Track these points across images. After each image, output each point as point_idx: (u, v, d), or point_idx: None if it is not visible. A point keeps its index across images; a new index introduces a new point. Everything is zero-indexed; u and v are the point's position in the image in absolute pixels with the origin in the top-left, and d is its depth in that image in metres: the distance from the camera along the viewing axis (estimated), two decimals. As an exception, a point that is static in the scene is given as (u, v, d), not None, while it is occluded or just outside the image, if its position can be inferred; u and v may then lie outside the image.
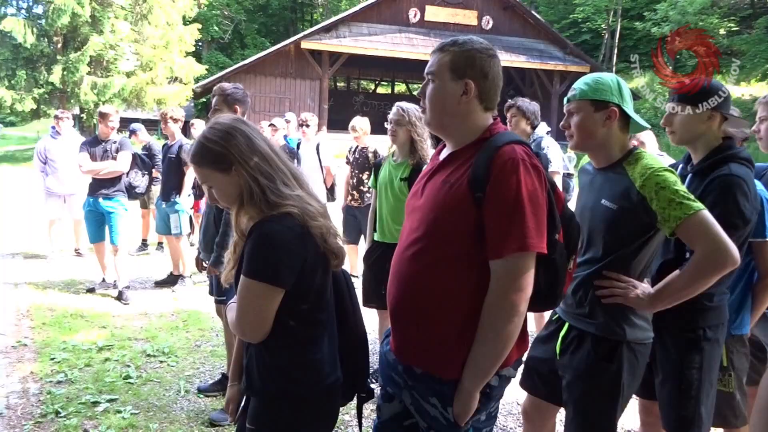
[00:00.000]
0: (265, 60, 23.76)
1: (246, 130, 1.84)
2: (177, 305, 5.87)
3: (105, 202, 6.02)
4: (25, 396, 3.88)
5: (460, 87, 1.79)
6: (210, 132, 1.84)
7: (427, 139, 4.09)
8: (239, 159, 1.79)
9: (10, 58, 21.75)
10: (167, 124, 6.28)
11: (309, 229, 1.78)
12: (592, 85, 2.16)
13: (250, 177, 1.78)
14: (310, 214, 1.79)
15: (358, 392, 2.04)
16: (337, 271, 1.95)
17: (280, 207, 1.77)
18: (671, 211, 1.98)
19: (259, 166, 1.79)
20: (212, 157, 1.81)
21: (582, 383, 2.19)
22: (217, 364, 4.48)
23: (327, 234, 1.82)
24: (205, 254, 3.72)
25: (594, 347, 2.17)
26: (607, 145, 2.19)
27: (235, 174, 1.80)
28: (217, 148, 1.80)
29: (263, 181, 1.78)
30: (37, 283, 6.45)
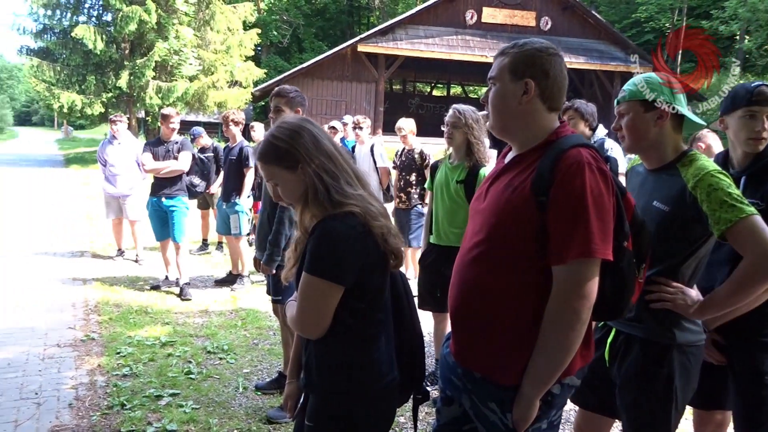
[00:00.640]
0: (322, 63, 24.08)
1: (312, 130, 1.88)
2: (236, 304, 6.01)
3: (167, 201, 6.22)
4: (92, 388, 4.04)
5: (520, 87, 1.78)
6: (278, 130, 1.87)
7: (485, 142, 4.07)
8: (305, 157, 1.82)
9: (81, 64, 22.70)
10: (228, 126, 6.44)
11: (370, 228, 1.79)
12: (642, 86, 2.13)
13: (315, 175, 1.81)
14: (372, 214, 1.81)
15: (414, 394, 2.04)
16: (395, 271, 1.97)
17: (343, 206, 1.79)
18: (722, 213, 1.93)
19: (324, 165, 1.82)
20: (279, 154, 1.85)
21: (633, 390, 2.14)
22: (274, 362, 4.56)
23: (387, 234, 1.84)
24: (260, 253, 3.80)
25: (643, 352, 2.12)
26: (659, 145, 2.14)
27: (301, 172, 1.83)
28: (284, 146, 1.84)
29: (327, 179, 1.81)
30: (104, 279, 6.72)
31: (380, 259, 1.84)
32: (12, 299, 5.89)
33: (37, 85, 22.27)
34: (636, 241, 1.79)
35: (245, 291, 6.44)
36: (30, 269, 7.07)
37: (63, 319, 5.39)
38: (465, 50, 23.79)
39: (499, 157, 2.03)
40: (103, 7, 23.15)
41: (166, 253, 6.45)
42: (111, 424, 3.55)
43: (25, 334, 4.98)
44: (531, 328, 1.70)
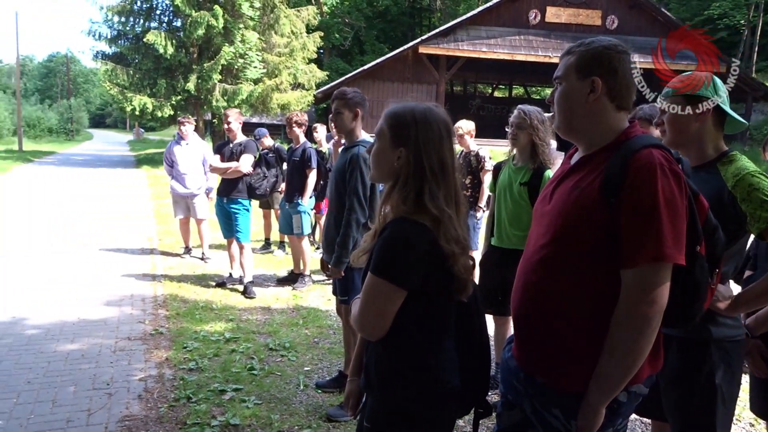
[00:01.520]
0: (383, 65, 24.21)
1: (443, 128, 1.79)
2: (297, 302, 6.10)
3: (229, 202, 6.37)
4: (160, 381, 4.18)
5: (586, 85, 1.73)
6: (417, 105, 1.81)
7: (550, 144, 3.99)
8: (417, 147, 1.75)
9: (152, 68, 23.57)
10: (292, 128, 6.55)
11: (439, 244, 1.72)
12: None
13: (417, 168, 1.74)
14: (447, 236, 1.73)
15: (477, 407, 1.98)
16: None
17: (421, 214, 1.73)
18: (762, 212, 1.95)
19: (432, 167, 1.75)
20: (398, 122, 1.79)
21: (675, 390, 2.11)
22: (334, 361, 4.60)
23: (457, 263, 1.75)
24: (327, 255, 3.83)
25: (680, 350, 2.09)
26: (700, 141, 2.14)
27: (399, 154, 1.77)
28: (409, 119, 1.78)
29: (429, 178, 1.74)
30: (172, 276, 6.95)
31: (448, 272, 1.76)
32: (85, 293, 6.16)
33: (111, 88, 23.26)
34: (709, 245, 1.72)
35: (306, 290, 6.53)
36: (102, 265, 7.38)
37: (133, 313, 5.60)
38: (528, 51, 23.45)
39: (564, 158, 1.98)
40: (174, 13, 23.95)
41: (231, 251, 6.60)
42: (177, 416, 3.66)
43: (97, 327, 5.20)
44: (597, 333, 1.65)
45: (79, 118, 67.36)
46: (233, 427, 3.55)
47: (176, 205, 8.00)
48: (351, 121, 3.78)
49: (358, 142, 3.77)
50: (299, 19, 26.20)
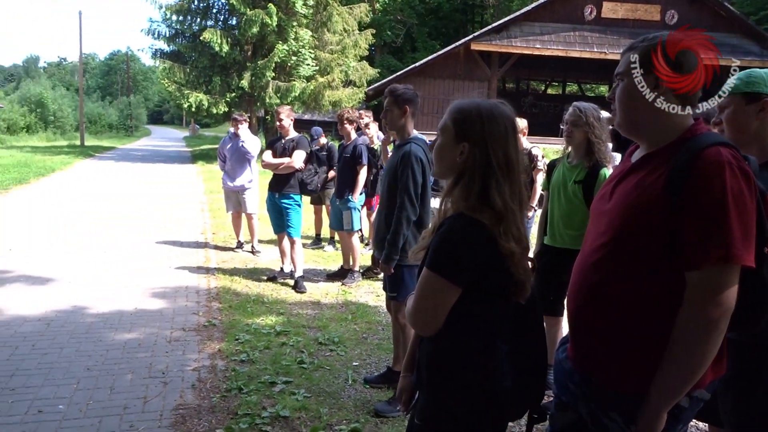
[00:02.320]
0: (435, 62, 24.10)
1: (509, 124, 1.77)
2: (346, 298, 6.14)
3: (281, 198, 6.45)
4: (213, 371, 4.28)
5: (651, 81, 1.68)
6: (484, 102, 1.80)
7: (606, 142, 3.90)
8: (482, 141, 1.73)
9: (208, 66, 24.14)
10: (343, 125, 6.59)
11: (497, 244, 1.69)
12: (745, 79, 2.08)
13: (483, 163, 1.72)
14: (509, 233, 1.71)
15: (531, 411, 1.94)
16: None
17: (482, 211, 1.70)
18: None
19: (499, 161, 1.72)
20: (462, 116, 1.78)
21: (733, 395, 2.03)
22: (383, 357, 4.62)
23: (515, 262, 1.72)
24: (378, 252, 3.85)
25: (738, 355, 1.99)
26: (760, 140, 2.07)
27: (460, 151, 1.75)
28: (474, 115, 1.76)
29: (497, 173, 1.71)
30: (224, 269, 7.09)
31: (506, 273, 1.74)
32: (142, 284, 6.35)
33: (169, 86, 23.93)
34: None
35: (356, 286, 6.56)
36: (158, 257, 7.60)
37: (188, 305, 5.75)
38: (583, 47, 22.95)
39: (624, 156, 1.93)
40: (229, 11, 24.45)
41: (283, 246, 6.69)
42: (229, 407, 3.74)
43: (154, 317, 5.36)
44: (659, 335, 1.60)
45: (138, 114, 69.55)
46: (283, 419, 3.60)
47: (228, 199, 8.16)
48: (401, 118, 3.77)
49: (409, 139, 3.76)
50: (352, 16, 26.34)
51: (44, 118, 49.63)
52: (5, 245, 7.96)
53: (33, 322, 5.11)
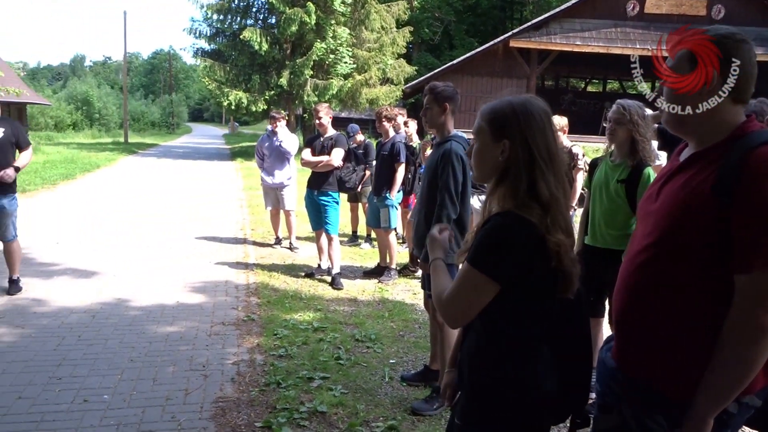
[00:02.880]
0: (473, 60, 23.94)
1: (544, 116, 1.76)
2: (383, 295, 6.15)
3: (320, 195, 6.50)
4: (252, 365, 4.33)
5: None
6: (515, 98, 1.80)
7: (650, 140, 3.82)
8: (522, 135, 1.71)
9: (248, 64, 24.46)
10: (382, 122, 6.60)
11: (545, 242, 1.67)
12: None
13: (526, 156, 1.70)
14: (556, 226, 1.68)
15: (573, 416, 1.91)
16: None
17: (529, 208, 1.68)
18: None
19: (540, 151, 1.71)
20: (497, 116, 1.77)
21: None
22: (419, 355, 4.61)
23: (563, 254, 1.69)
24: (418, 250, 3.84)
25: None
26: None
27: (501, 149, 1.74)
28: (509, 112, 1.74)
29: (540, 164, 1.70)
30: (263, 265, 7.18)
31: (550, 273, 1.72)
32: (183, 279, 6.48)
33: (210, 84, 24.33)
34: None
35: (392, 283, 6.57)
36: (199, 252, 7.74)
37: (227, 299, 5.84)
38: (625, 44, 22.49)
39: (672, 155, 1.88)
40: (269, 10, 24.74)
41: (320, 243, 6.74)
42: (268, 401, 3.79)
43: (194, 311, 5.46)
44: (706, 339, 1.56)
45: (180, 112, 70.89)
46: (320, 414, 3.62)
47: (266, 196, 8.26)
48: (441, 115, 3.75)
49: (450, 137, 3.74)
50: (389, 14, 26.37)
51: (90, 116, 51.05)
52: (53, 239, 8.21)
53: (79, 314, 5.25)
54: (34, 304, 5.49)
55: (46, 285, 6.07)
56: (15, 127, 5.63)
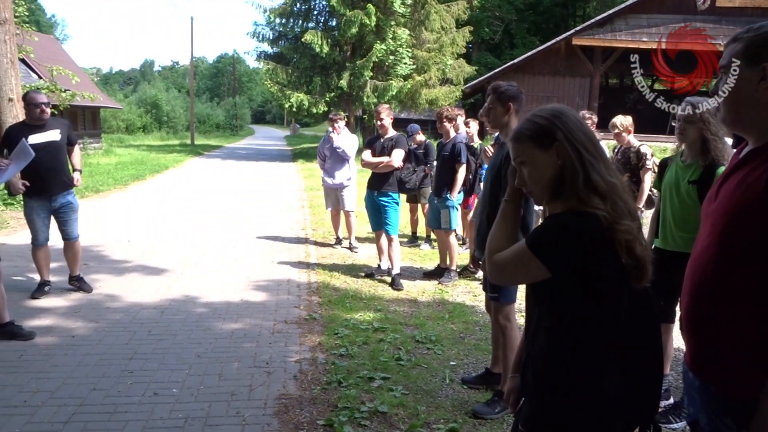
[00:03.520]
0: (534, 58, 23.57)
1: (575, 114, 1.81)
2: (443, 297, 6.13)
3: (380, 196, 6.52)
4: (314, 363, 4.39)
5: (756, 73, 1.57)
6: (538, 110, 1.83)
7: (723, 138, 3.66)
8: (566, 133, 1.74)
9: (309, 67, 24.84)
10: (443, 123, 6.58)
11: (613, 234, 1.65)
12: None
13: (575, 152, 1.72)
14: (618, 212, 1.67)
15: (642, 425, 1.84)
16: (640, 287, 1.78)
17: (591, 198, 1.68)
18: None
19: (584, 144, 1.73)
20: (535, 130, 1.79)
21: None
22: (480, 357, 4.57)
23: (633, 241, 1.66)
24: (479, 251, 3.80)
25: None
26: None
27: (555, 152, 1.75)
28: (543, 122, 1.78)
29: (588, 157, 1.71)
30: (324, 265, 7.27)
31: (618, 272, 1.68)
32: (247, 277, 6.63)
33: (272, 86, 24.85)
34: None
35: (452, 285, 6.53)
36: (262, 251, 7.91)
37: (289, 298, 5.94)
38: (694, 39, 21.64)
39: (734, 154, 1.82)
40: (329, 13, 25.05)
41: (380, 243, 6.77)
42: (329, 399, 3.83)
43: (258, 309, 5.58)
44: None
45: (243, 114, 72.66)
46: (381, 415, 3.64)
47: (327, 197, 8.36)
48: (504, 115, 3.71)
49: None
50: (449, 14, 26.27)
51: (158, 119, 52.97)
52: (125, 237, 8.55)
53: (149, 310, 5.45)
54: (108, 299, 5.74)
55: (118, 281, 6.34)
56: (68, 127, 5.91)
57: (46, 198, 5.56)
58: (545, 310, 1.79)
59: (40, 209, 5.59)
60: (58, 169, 5.60)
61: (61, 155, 5.67)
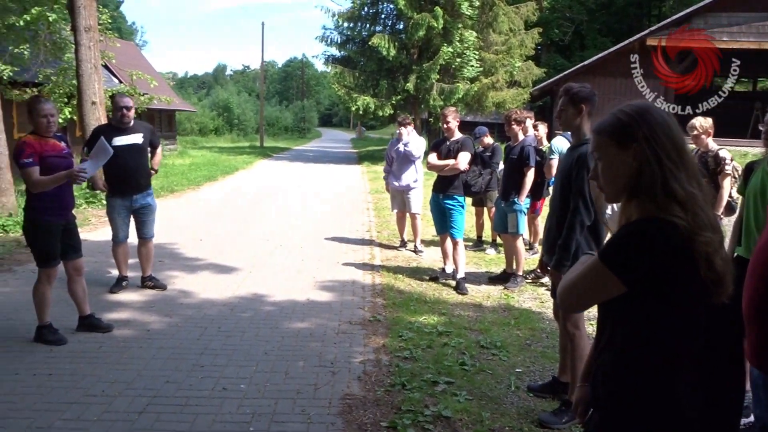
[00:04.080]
0: (606, 60, 22.94)
1: (663, 114, 1.71)
2: (509, 302, 6.03)
3: (445, 199, 6.48)
4: (378, 365, 4.41)
5: None
6: (625, 106, 1.76)
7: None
8: (647, 135, 1.65)
9: (375, 70, 25.04)
10: (511, 125, 6.49)
11: (692, 246, 1.56)
12: None
13: (654, 157, 1.63)
14: (699, 224, 1.58)
15: None
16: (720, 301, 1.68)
17: (670, 205, 1.60)
18: None
19: (666, 149, 1.64)
20: (615, 126, 1.72)
21: None
22: (547, 365, 4.47)
23: (713, 254, 1.58)
24: (548, 257, 3.72)
25: None
26: None
27: (632, 153, 1.67)
28: (626, 119, 1.70)
29: (668, 164, 1.62)
30: (388, 267, 7.30)
31: (696, 285, 1.60)
32: (313, 277, 6.73)
33: (339, 89, 25.16)
34: None
35: (518, 290, 6.42)
36: (327, 252, 8.01)
37: (354, 299, 5.99)
38: (780, 38, 20.54)
39: None
40: (397, 16, 25.15)
41: (445, 247, 6.74)
42: (393, 401, 3.83)
43: (323, 309, 5.65)
44: None
45: (310, 117, 73.81)
46: (445, 419, 3.61)
47: (393, 199, 8.39)
48: (576, 117, 3.62)
49: (586, 140, 3.59)
50: (518, 15, 25.94)
51: (230, 121, 54.57)
52: (197, 236, 8.84)
53: (219, 307, 5.61)
54: (181, 295, 5.94)
55: (190, 278, 6.56)
56: (151, 131, 6.16)
57: (127, 198, 5.83)
58: (618, 321, 1.71)
59: (121, 208, 5.86)
60: (139, 171, 5.86)
61: (142, 158, 5.93)
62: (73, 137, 14.58)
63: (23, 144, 4.45)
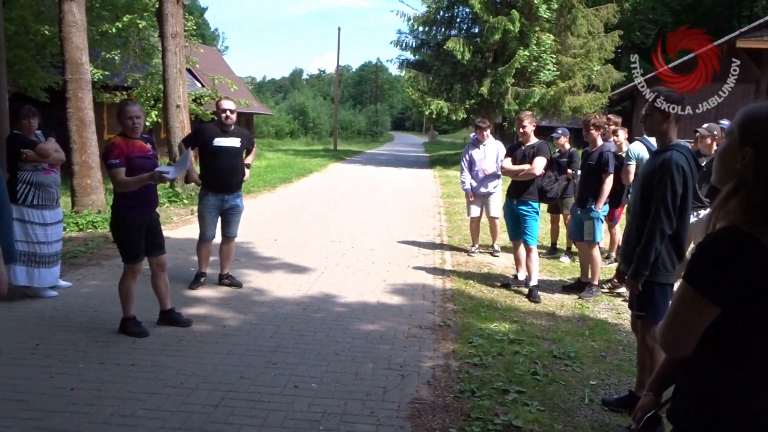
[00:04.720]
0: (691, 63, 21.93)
1: None
2: (583, 312, 5.86)
3: (519, 205, 6.37)
4: (447, 370, 4.37)
5: None
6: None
7: None
8: (758, 144, 1.53)
9: (450, 74, 24.93)
10: (589, 130, 6.31)
11: None
12: None
13: (762, 169, 1.51)
14: None
15: None
16: None
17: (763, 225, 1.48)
18: None
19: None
20: (748, 119, 1.58)
21: None
22: (623, 379, 4.31)
23: None
24: (625, 266, 3.59)
25: None
26: None
27: (744, 153, 1.55)
28: (761, 117, 1.56)
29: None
30: (459, 272, 7.24)
31: None
32: (384, 280, 6.76)
33: (413, 93, 25.23)
34: None
35: (594, 300, 6.23)
36: (398, 255, 8.03)
37: (424, 303, 5.97)
38: None
39: None
40: (472, 20, 24.97)
41: (518, 253, 6.62)
42: (462, 408, 3.79)
43: (393, 312, 5.66)
44: None
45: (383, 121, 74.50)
46: (515, 429, 3.54)
47: (472, 203, 8.33)
48: (663, 122, 3.48)
49: (671, 146, 3.45)
50: (597, 18, 25.22)
51: (305, 125, 55.80)
52: (272, 236, 9.06)
53: (292, 306, 5.73)
54: (255, 293, 6.10)
55: (265, 277, 6.72)
56: (248, 137, 6.38)
57: (219, 196, 6.08)
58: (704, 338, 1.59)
59: (212, 207, 6.11)
60: (233, 172, 6.10)
61: (237, 161, 6.17)
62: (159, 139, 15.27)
63: (111, 145, 4.69)
